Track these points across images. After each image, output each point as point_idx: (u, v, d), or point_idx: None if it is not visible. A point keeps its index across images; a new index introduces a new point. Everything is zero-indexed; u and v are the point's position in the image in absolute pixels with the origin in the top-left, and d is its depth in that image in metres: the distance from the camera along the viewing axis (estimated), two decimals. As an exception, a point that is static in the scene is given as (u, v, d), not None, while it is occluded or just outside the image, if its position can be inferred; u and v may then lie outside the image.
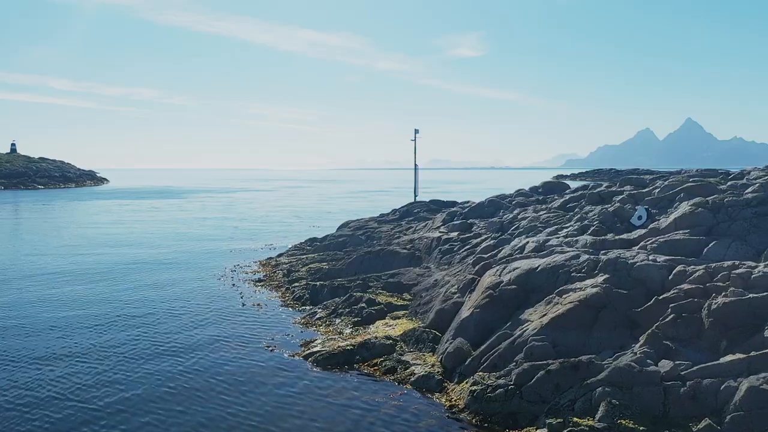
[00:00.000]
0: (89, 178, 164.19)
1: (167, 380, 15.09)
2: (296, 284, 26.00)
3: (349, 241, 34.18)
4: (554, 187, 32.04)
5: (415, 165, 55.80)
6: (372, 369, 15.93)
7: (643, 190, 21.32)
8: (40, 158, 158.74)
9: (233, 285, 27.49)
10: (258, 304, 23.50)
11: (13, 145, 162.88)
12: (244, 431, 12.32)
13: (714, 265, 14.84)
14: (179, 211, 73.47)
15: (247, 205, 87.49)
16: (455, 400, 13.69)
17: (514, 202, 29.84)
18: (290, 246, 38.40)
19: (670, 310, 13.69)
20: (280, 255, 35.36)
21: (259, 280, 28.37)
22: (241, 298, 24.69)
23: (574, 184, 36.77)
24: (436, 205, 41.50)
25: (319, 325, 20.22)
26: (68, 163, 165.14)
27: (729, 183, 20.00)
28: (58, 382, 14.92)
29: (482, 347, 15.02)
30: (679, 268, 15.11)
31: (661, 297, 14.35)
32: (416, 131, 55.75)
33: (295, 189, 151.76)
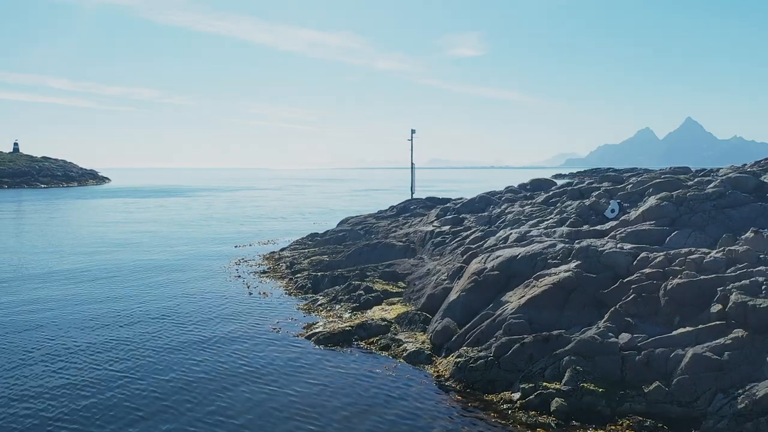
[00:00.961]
0: (91, 177, 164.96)
1: (191, 357, 16.74)
2: (299, 275, 27.59)
3: (349, 235, 35.77)
4: (541, 184, 33.66)
5: (412, 164, 57.57)
6: (369, 346, 17.56)
7: (618, 186, 22.96)
8: (43, 157, 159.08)
9: (239, 276, 29.06)
10: (263, 293, 25.10)
11: (15, 144, 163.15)
12: (263, 395, 13.95)
13: (673, 252, 16.48)
14: (186, 209, 75.10)
15: (250, 203, 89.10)
16: (442, 371, 15.32)
17: (503, 198, 31.47)
18: (292, 241, 39.97)
19: (632, 291, 15.34)
20: (282, 249, 36.91)
21: (264, 272, 29.96)
22: (247, 288, 26.25)
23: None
24: (431, 202, 43.14)
25: (321, 311, 21.82)
26: (70, 162, 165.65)
27: (696, 180, 21.62)
28: (106, 365, 16.55)
29: (467, 326, 16.64)
30: (642, 254, 16.75)
31: (625, 280, 15.99)
32: (413, 131, 57.51)
33: (296, 188, 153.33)
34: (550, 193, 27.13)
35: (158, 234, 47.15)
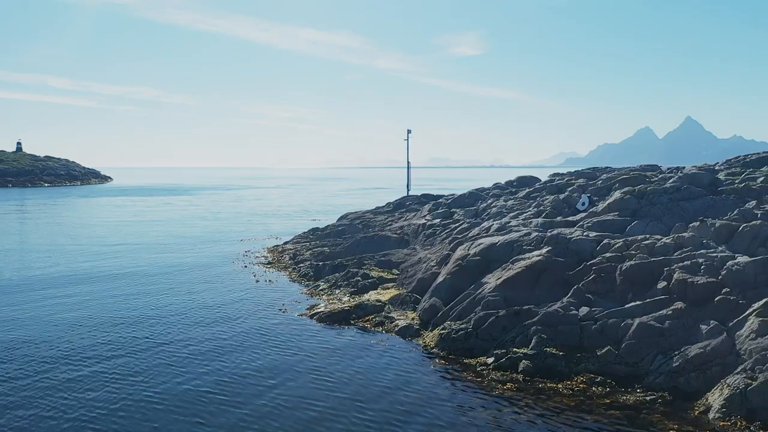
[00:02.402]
0: (94, 176, 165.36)
1: (215, 330, 18.88)
2: (301, 264, 29.66)
3: (348, 229, 37.83)
4: (527, 180, 35.71)
5: (408, 163, 59.70)
6: (365, 324, 19.63)
7: (591, 182, 25.04)
8: (46, 156, 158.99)
9: (245, 266, 31.10)
10: (269, 281, 27.16)
11: (18, 143, 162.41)
12: (271, 361, 16.04)
13: (630, 238, 18.58)
14: (192, 207, 77.13)
15: (254, 201, 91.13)
16: (428, 342, 17.40)
17: (490, 194, 33.55)
18: (295, 235, 42.02)
19: (593, 272, 17.44)
20: (285, 243, 38.96)
21: (269, 263, 32.03)
22: (254, 276, 28.31)
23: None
24: (425, 199, 45.15)
25: (322, 295, 23.88)
26: (73, 162, 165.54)
27: (660, 176, 23.71)
28: (150, 336, 18.65)
29: (451, 304, 18.73)
30: (605, 241, 18.85)
31: (588, 263, 18.09)
32: (409, 131, 59.67)
33: (297, 187, 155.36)
34: (532, 188, 29.24)
35: (170, 230, 49.16)
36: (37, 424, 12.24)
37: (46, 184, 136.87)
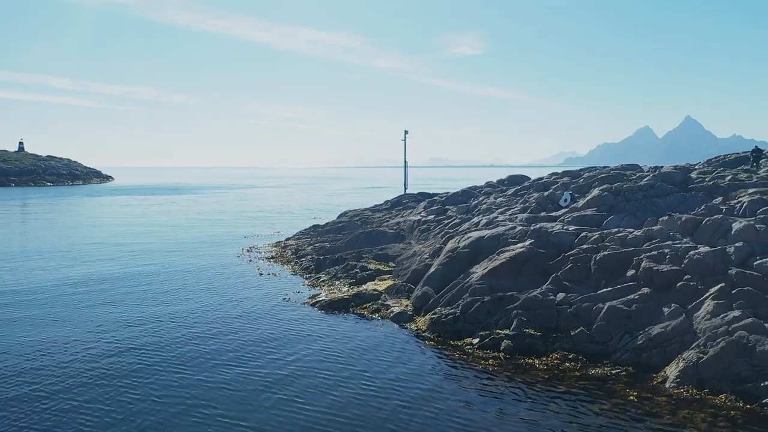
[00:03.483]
0: (96, 175, 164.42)
1: (227, 312, 20.46)
2: (303, 258, 31.11)
3: (347, 226, 39.26)
4: (517, 179, 37.14)
5: (405, 162, 61.26)
6: (363, 311, 21.11)
7: (573, 180, 26.51)
8: (48, 156, 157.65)
9: (250, 261, 32.55)
10: (273, 274, 28.61)
11: (21, 143, 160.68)
12: (278, 342, 17.53)
13: (606, 231, 20.07)
14: (197, 206, 78.59)
15: (256, 200, 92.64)
16: (420, 326, 18.88)
17: (482, 192, 35.01)
18: (296, 232, 43.46)
19: (570, 262, 18.93)
20: (288, 239, 40.41)
21: (272, 258, 33.47)
22: (258, 270, 29.74)
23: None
24: (421, 197, 46.64)
25: (323, 286, 25.34)
26: (75, 161, 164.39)
27: (638, 175, 25.21)
28: (173, 320, 20.16)
29: (442, 292, 20.22)
30: (582, 234, 20.33)
31: (567, 254, 19.58)
32: (406, 132, 61.33)
33: (298, 186, 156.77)
34: (520, 186, 30.72)
35: (178, 227, 50.60)
36: (116, 397, 13.64)
37: (49, 184, 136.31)
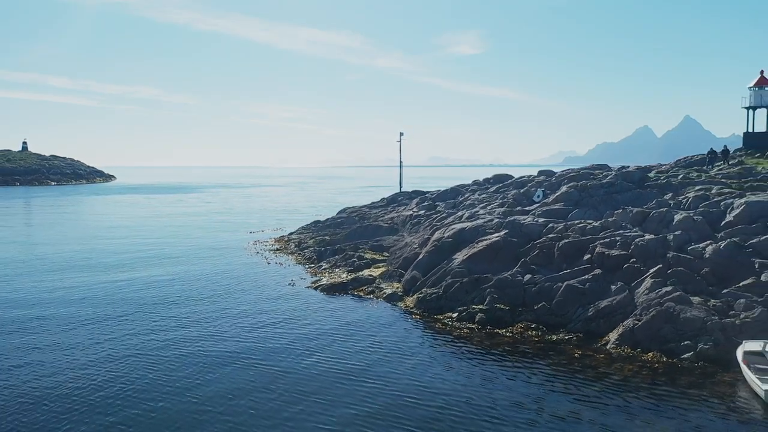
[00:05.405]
0: (99, 175, 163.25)
1: (242, 296, 23.08)
2: (306, 250, 33.71)
3: (346, 221, 41.82)
4: (501, 177, 39.72)
5: (401, 162, 64.07)
6: (359, 292, 23.73)
7: (548, 179, 29.14)
8: (52, 156, 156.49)
9: (257, 252, 35.16)
10: (278, 263, 31.22)
11: (24, 143, 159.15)
12: (286, 318, 20.16)
13: (570, 222, 22.70)
14: (204, 204, 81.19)
15: (262, 198, 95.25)
16: (408, 304, 21.50)
17: (469, 189, 37.62)
18: (298, 227, 46.01)
19: (537, 249, 21.57)
20: (291, 233, 42.97)
21: (277, 250, 36.07)
22: (266, 260, 32.36)
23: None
24: (415, 194, 49.17)
25: (324, 273, 27.96)
26: (78, 161, 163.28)
27: (603, 174, 27.84)
28: (194, 306, 22.77)
29: (428, 275, 22.84)
30: (549, 225, 22.96)
31: (535, 242, 22.22)
32: (401, 134, 64.16)
33: (300, 185, 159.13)
34: (501, 184, 33.35)
35: (188, 223, 53.15)
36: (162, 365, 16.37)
37: (53, 183, 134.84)
